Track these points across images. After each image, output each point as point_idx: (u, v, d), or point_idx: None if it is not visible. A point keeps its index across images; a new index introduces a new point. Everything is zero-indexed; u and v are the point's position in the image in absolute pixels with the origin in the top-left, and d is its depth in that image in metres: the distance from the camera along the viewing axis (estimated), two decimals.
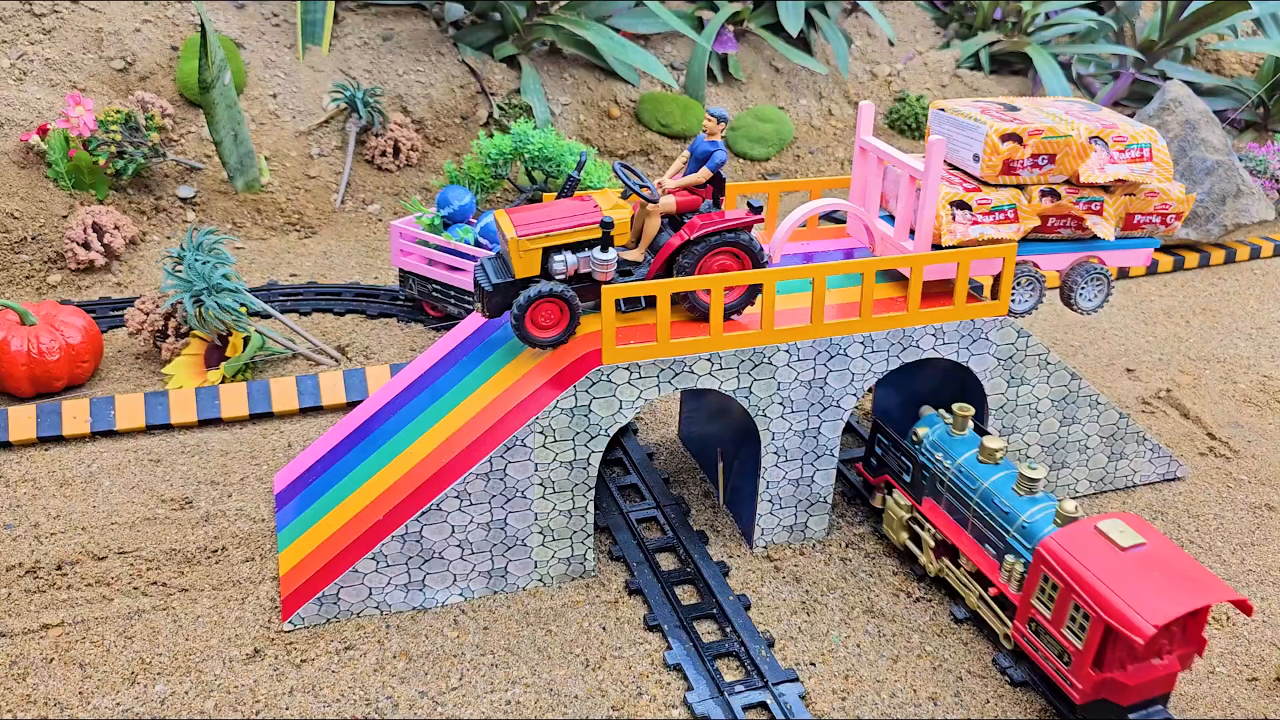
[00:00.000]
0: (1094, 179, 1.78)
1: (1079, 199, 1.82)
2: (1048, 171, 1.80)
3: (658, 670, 1.61)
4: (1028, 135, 1.76)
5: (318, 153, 3.32)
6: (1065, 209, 1.83)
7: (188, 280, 2.22)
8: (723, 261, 1.71)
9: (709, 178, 1.72)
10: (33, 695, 1.52)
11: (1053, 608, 1.49)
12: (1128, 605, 1.39)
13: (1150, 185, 1.84)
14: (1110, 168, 1.79)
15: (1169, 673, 1.45)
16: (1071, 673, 1.47)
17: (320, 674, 1.57)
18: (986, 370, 1.86)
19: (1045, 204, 1.81)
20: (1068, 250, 1.89)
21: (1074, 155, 1.78)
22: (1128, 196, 1.85)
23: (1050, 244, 1.88)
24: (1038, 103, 1.92)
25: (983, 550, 1.67)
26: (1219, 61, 4.76)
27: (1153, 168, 1.82)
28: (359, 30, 3.57)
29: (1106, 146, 1.79)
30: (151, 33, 3.28)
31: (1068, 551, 1.48)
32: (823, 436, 1.81)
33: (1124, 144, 1.79)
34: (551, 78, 3.67)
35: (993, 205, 1.79)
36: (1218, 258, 3.22)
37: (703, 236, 1.67)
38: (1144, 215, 1.88)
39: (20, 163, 2.85)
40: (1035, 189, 1.81)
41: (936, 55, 4.34)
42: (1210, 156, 3.13)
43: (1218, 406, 2.40)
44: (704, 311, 1.70)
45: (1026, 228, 1.82)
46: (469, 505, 1.65)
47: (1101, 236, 1.84)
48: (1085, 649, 1.44)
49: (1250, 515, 2.02)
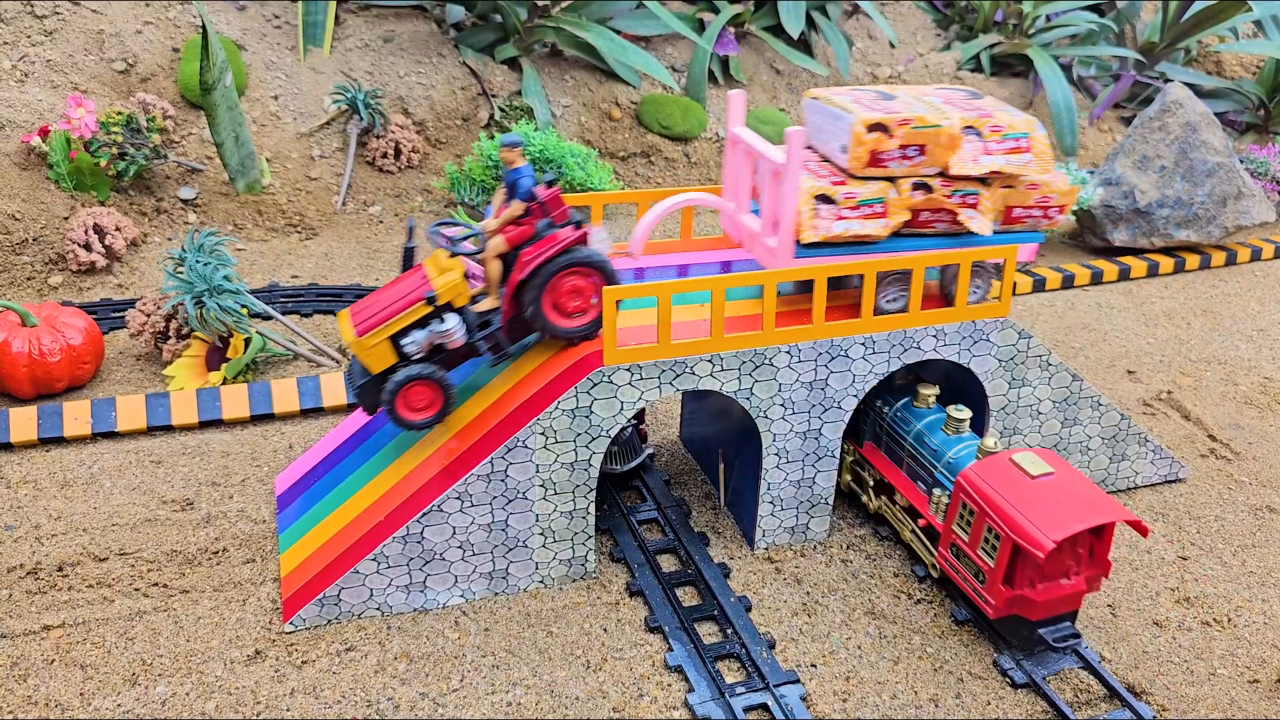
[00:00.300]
0: (967, 171, 1.69)
1: (953, 192, 1.72)
2: (918, 163, 1.69)
3: (659, 672, 1.61)
4: (896, 125, 1.66)
5: (319, 154, 3.33)
6: (938, 203, 1.72)
7: (189, 282, 2.22)
8: (573, 283, 1.66)
9: (524, 208, 1.66)
10: (34, 696, 1.52)
11: (970, 531, 1.63)
12: (1031, 524, 1.52)
13: (1030, 177, 1.75)
14: (985, 159, 1.70)
15: (1075, 592, 1.59)
16: (986, 590, 1.60)
17: (321, 675, 1.57)
18: (988, 371, 1.86)
19: (916, 198, 1.71)
20: (942, 247, 1.78)
21: (945, 146, 1.68)
22: (1006, 189, 1.76)
23: (924, 239, 1.77)
24: (918, 91, 1.83)
25: (915, 487, 1.81)
26: (1220, 63, 4.76)
27: (1031, 159, 1.73)
28: (360, 32, 3.58)
29: (981, 137, 1.69)
30: (153, 34, 3.28)
31: (983, 480, 1.61)
32: (824, 438, 1.81)
33: (1000, 134, 1.70)
34: (552, 79, 3.67)
35: (859, 199, 1.69)
36: (1218, 260, 3.22)
37: (535, 271, 1.63)
38: (1024, 208, 1.78)
39: (21, 164, 2.86)
40: (906, 182, 1.70)
41: (937, 57, 4.34)
42: (1211, 158, 3.13)
43: (1219, 408, 2.40)
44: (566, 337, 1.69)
45: (896, 223, 1.72)
46: (470, 506, 1.65)
47: (977, 232, 1.75)
48: (997, 567, 1.57)
49: (1251, 517, 2.02)
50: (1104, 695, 1.60)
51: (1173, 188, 3.14)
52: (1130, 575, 1.85)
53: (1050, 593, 1.58)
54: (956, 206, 1.73)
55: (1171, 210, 3.14)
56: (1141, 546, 1.92)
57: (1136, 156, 3.20)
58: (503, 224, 1.66)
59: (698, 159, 3.72)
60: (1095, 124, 4.37)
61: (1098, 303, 2.94)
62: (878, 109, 1.69)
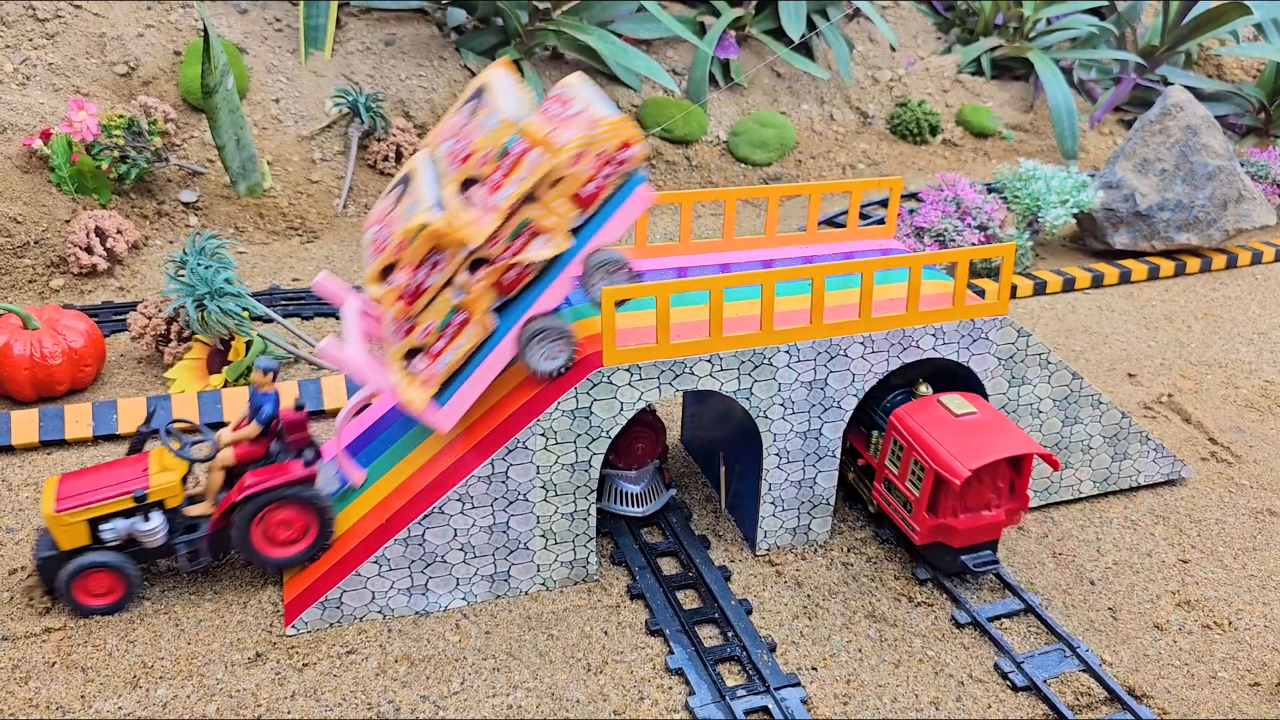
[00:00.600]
0: (485, 233, 1.53)
1: (509, 237, 1.56)
2: (449, 260, 1.54)
3: (659, 675, 1.61)
4: (396, 254, 1.51)
5: (320, 157, 3.33)
6: (504, 265, 1.58)
7: (190, 284, 2.23)
8: (286, 515, 1.66)
9: (260, 431, 1.67)
10: (35, 699, 1.52)
11: (899, 465, 1.79)
12: (950, 455, 1.68)
13: (563, 159, 1.53)
14: (499, 196, 1.53)
15: (994, 523, 1.75)
16: (912, 518, 1.76)
17: (322, 678, 1.57)
18: (987, 370, 1.86)
19: (482, 276, 1.57)
20: (559, 273, 1.62)
21: (449, 234, 1.52)
22: (556, 185, 1.55)
23: (537, 284, 1.62)
24: (415, 176, 1.62)
25: (858, 430, 1.95)
26: (1220, 67, 4.76)
27: (537, 152, 1.52)
28: (361, 35, 3.58)
29: (481, 181, 1.54)
30: (154, 37, 3.29)
31: (912, 418, 1.78)
32: (824, 438, 1.81)
33: (494, 159, 1.52)
34: (554, 83, 3.68)
35: (437, 326, 1.58)
36: (1219, 263, 3.22)
37: (249, 498, 1.63)
38: (591, 181, 1.57)
39: (23, 167, 2.86)
40: (461, 274, 1.56)
41: (938, 60, 4.35)
42: (1212, 161, 3.14)
43: (1219, 411, 2.40)
44: (270, 566, 1.68)
45: (481, 313, 1.59)
46: (471, 508, 1.65)
47: (553, 253, 1.58)
48: (921, 496, 1.73)
49: (1252, 520, 2.01)
50: (1105, 698, 1.60)
51: (1173, 191, 3.14)
52: (1131, 578, 1.85)
53: (971, 522, 1.73)
54: (521, 250, 1.58)
55: (1172, 213, 3.14)
56: (1142, 550, 1.92)
57: (1137, 159, 3.20)
58: (237, 439, 1.68)
59: (698, 162, 3.72)
60: (1096, 127, 4.37)
61: (1098, 305, 2.94)
62: (381, 243, 1.56)
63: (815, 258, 2.03)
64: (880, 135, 4.08)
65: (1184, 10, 4.27)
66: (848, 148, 3.97)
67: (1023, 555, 1.90)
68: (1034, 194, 3.07)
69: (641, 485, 1.91)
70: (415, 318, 1.57)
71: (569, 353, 1.65)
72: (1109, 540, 1.94)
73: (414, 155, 1.69)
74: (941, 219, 2.93)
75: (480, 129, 1.55)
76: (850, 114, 4.09)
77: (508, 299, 1.62)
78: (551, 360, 1.65)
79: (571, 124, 1.58)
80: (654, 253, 2.01)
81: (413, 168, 1.65)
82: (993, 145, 4.19)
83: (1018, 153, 4.18)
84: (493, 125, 1.53)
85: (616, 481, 1.90)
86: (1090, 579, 1.84)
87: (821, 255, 2.04)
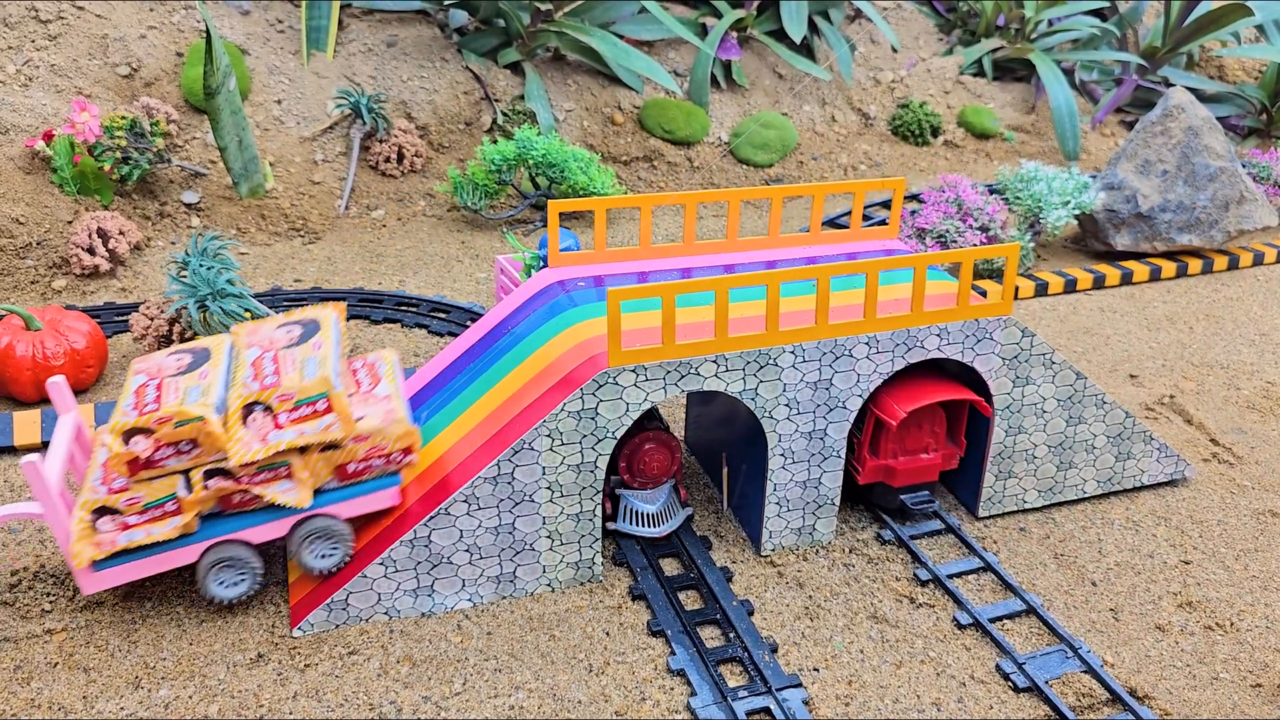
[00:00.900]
0: (251, 458, 1.54)
1: (258, 470, 1.58)
2: (197, 455, 1.55)
3: (661, 675, 1.61)
4: (156, 425, 1.52)
5: (322, 158, 3.33)
6: (240, 487, 1.59)
7: (192, 285, 2.23)
8: None
9: None
10: (37, 699, 1.52)
11: None
12: (890, 400, 1.84)
13: (351, 437, 1.60)
14: (275, 436, 1.56)
15: (931, 465, 1.91)
16: (855, 459, 1.90)
17: (324, 679, 1.57)
18: (992, 370, 1.86)
19: (215, 485, 1.58)
20: (285, 515, 1.64)
21: (216, 438, 1.54)
22: (330, 451, 1.61)
23: (259, 515, 1.63)
24: (212, 361, 1.65)
25: None
26: (1222, 68, 4.77)
27: (333, 419, 1.58)
28: (363, 36, 3.58)
29: (271, 410, 1.56)
30: (157, 39, 3.29)
31: None
32: (829, 438, 1.81)
33: (292, 402, 1.55)
34: (555, 84, 3.68)
35: (145, 503, 1.56)
36: (1221, 264, 3.22)
37: None
38: (360, 463, 1.64)
39: (25, 168, 2.86)
40: (199, 472, 1.57)
41: (940, 62, 4.35)
42: (1213, 163, 3.14)
43: (1221, 412, 2.40)
44: None
45: (188, 519, 1.58)
46: (477, 510, 1.65)
47: (290, 505, 1.60)
48: (864, 439, 1.88)
49: (1254, 521, 2.02)
50: (1106, 699, 1.60)
51: (1175, 192, 3.14)
52: (1133, 579, 1.85)
53: (909, 464, 1.89)
54: (264, 484, 1.60)
55: (1174, 214, 3.14)
56: (1144, 551, 1.92)
57: (1138, 161, 3.20)
58: None
59: (700, 163, 3.72)
60: (1097, 128, 4.37)
61: (1100, 307, 2.94)
62: (145, 403, 1.55)
63: (819, 258, 2.03)
64: (882, 136, 4.08)
65: (1185, 12, 4.28)
66: (849, 149, 3.97)
67: (1025, 556, 1.90)
68: (1035, 195, 3.07)
69: (657, 505, 1.86)
70: (130, 483, 1.56)
71: (344, 549, 1.65)
72: (1111, 541, 1.94)
73: (218, 337, 1.70)
74: (943, 220, 2.93)
75: (295, 364, 1.60)
76: (852, 115, 4.09)
77: (221, 512, 1.62)
78: (326, 558, 1.66)
79: (372, 405, 1.67)
80: (658, 254, 2.01)
81: (213, 348, 1.67)
82: (994, 146, 4.19)
83: (1019, 154, 4.18)
84: (311, 376, 1.57)
85: (631, 501, 1.86)
86: (1092, 580, 1.84)
87: (825, 256, 2.05)
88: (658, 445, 1.84)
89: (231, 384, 1.60)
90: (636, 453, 1.83)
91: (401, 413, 1.67)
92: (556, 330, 1.78)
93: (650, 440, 1.83)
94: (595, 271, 1.96)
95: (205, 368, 1.63)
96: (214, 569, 1.63)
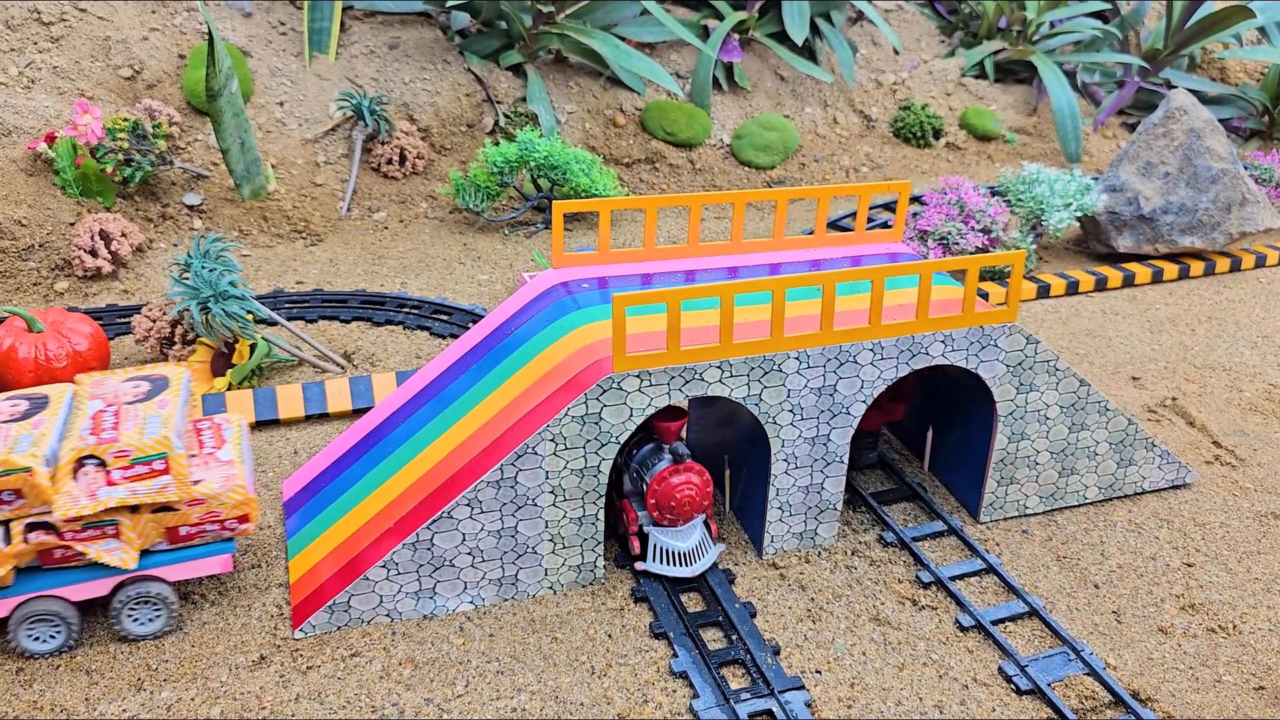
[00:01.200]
0: (78, 512, 1.50)
1: (84, 526, 1.54)
2: (20, 506, 1.51)
3: (663, 678, 1.61)
4: None
5: (324, 160, 3.33)
6: (61, 542, 1.55)
7: (194, 287, 2.23)
8: None
9: None
10: (39, 701, 1.52)
11: None
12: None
13: (186, 499, 1.58)
14: (105, 492, 1.51)
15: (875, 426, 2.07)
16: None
17: (326, 681, 1.57)
18: (996, 377, 1.86)
19: (35, 539, 1.53)
20: (109, 575, 1.60)
21: (42, 490, 1.49)
22: (163, 512, 1.59)
23: (80, 572, 1.59)
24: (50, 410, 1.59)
25: None
26: (1224, 70, 4.77)
27: (169, 481, 1.54)
28: (365, 38, 3.59)
29: (105, 465, 1.51)
30: (159, 41, 3.29)
31: None
32: (832, 444, 1.81)
33: (127, 459, 1.51)
34: (557, 86, 3.68)
35: None
36: (1223, 266, 3.22)
37: None
38: (194, 527, 1.62)
39: (28, 170, 2.86)
40: (19, 524, 1.52)
41: (941, 64, 4.35)
42: (1215, 165, 3.14)
43: (1223, 414, 2.40)
44: None
45: (9, 571, 1.54)
46: (480, 513, 1.65)
47: (114, 565, 1.56)
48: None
49: (1256, 523, 2.01)
50: (1109, 701, 1.60)
51: (1177, 194, 3.14)
52: (1135, 582, 1.85)
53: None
54: (88, 541, 1.56)
55: (1176, 216, 3.14)
56: (1146, 553, 1.92)
57: (1140, 163, 3.20)
58: None
59: (702, 165, 3.72)
60: (1099, 130, 4.37)
61: (1102, 309, 2.94)
62: None
63: (823, 261, 2.03)
64: (883, 138, 4.08)
65: (1187, 13, 4.28)
66: (851, 151, 3.97)
67: (1027, 559, 1.90)
68: (1037, 197, 3.07)
69: (689, 543, 1.77)
70: None
71: (167, 615, 1.63)
72: (1113, 544, 1.94)
73: (60, 385, 1.67)
74: (945, 222, 2.93)
75: (137, 420, 1.56)
76: (854, 117, 4.09)
77: (39, 566, 1.59)
78: (146, 624, 1.63)
79: (213, 468, 1.64)
80: (662, 255, 2.01)
81: (53, 397, 1.63)
82: (996, 148, 4.19)
83: (1021, 156, 4.18)
84: (152, 434, 1.53)
85: (660, 539, 1.76)
86: (1094, 582, 1.84)
87: (829, 258, 2.05)
88: (693, 476, 1.74)
89: (67, 435, 1.55)
90: (668, 486, 1.73)
91: (242, 479, 1.64)
92: (561, 333, 1.78)
93: (683, 470, 1.74)
94: (599, 272, 1.96)
95: (41, 416, 1.58)
96: (27, 622, 1.58)
